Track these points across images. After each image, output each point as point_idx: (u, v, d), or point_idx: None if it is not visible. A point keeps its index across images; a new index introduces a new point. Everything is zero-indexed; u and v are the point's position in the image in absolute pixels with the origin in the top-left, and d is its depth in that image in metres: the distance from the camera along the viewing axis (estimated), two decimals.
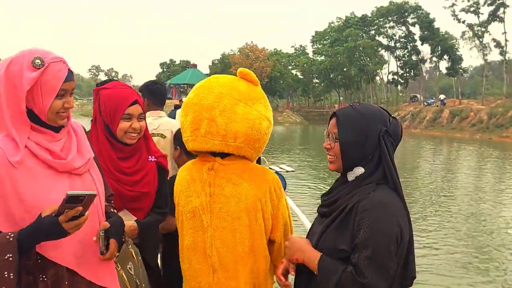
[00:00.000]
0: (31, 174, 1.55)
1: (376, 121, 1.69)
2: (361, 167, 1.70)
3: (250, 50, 78.17)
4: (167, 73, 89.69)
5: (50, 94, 1.55)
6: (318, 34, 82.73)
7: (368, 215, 1.58)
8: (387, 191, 1.67)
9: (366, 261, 1.55)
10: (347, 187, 1.73)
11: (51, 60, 1.55)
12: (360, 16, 75.46)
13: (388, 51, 74.65)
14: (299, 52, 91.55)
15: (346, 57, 70.01)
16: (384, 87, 76.43)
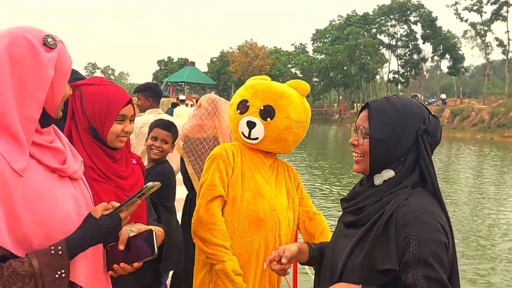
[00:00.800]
0: (39, 181, 1.32)
1: (414, 118, 1.52)
2: (391, 169, 1.52)
3: (250, 48, 78.22)
4: (164, 71, 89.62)
5: (64, 80, 1.35)
6: (319, 32, 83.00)
7: (414, 225, 1.40)
8: (426, 195, 1.49)
9: (426, 281, 1.35)
10: (375, 193, 1.53)
11: (58, 38, 1.36)
12: (361, 15, 75.73)
13: (389, 50, 74.91)
14: (299, 51, 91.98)
15: (347, 56, 70.08)
16: (384, 86, 76.39)
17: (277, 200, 2.45)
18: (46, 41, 1.30)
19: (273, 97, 2.46)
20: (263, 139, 2.46)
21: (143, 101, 4.57)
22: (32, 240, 1.26)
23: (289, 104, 2.45)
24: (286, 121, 2.45)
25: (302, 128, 2.52)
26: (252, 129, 2.46)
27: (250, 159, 2.51)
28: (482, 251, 8.63)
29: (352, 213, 1.59)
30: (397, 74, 74.52)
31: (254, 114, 2.47)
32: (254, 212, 2.38)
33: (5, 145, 1.25)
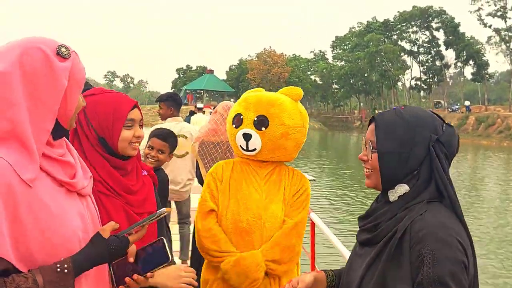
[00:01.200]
0: (47, 194, 1.29)
1: (425, 128, 1.44)
2: (405, 184, 1.45)
3: (268, 55, 77.95)
4: (183, 79, 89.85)
5: (78, 91, 1.33)
6: (339, 39, 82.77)
7: (429, 242, 1.31)
8: (443, 209, 1.41)
9: None
10: (390, 209, 1.46)
11: (71, 49, 1.35)
12: (382, 21, 75.33)
13: (410, 56, 74.18)
14: (318, 58, 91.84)
15: (367, 63, 69.55)
16: (406, 93, 75.52)
17: (266, 209, 2.45)
18: (59, 51, 1.29)
19: (265, 106, 2.49)
20: (261, 149, 2.49)
21: (165, 110, 5.00)
22: (35, 254, 1.24)
23: (282, 111, 2.48)
24: (281, 128, 2.47)
25: (300, 133, 2.53)
26: (248, 141, 2.49)
27: (241, 171, 2.56)
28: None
29: (367, 231, 1.52)
30: (419, 81, 73.79)
31: (248, 126, 2.50)
32: (239, 223, 2.43)
33: (16, 155, 1.22)
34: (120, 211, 1.88)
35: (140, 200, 2.00)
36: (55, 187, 1.31)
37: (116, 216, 1.80)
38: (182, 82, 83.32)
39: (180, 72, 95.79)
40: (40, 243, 1.23)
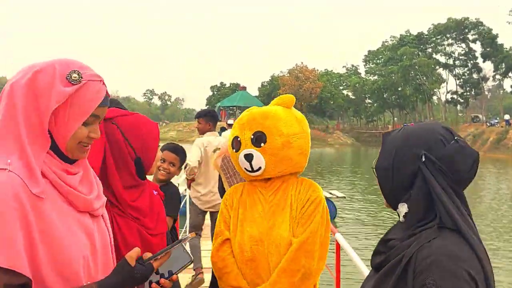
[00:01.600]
0: (56, 212, 1.28)
1: (416, 145, 1.37)
2: (404, 203, 1.40)
3: (300, 71, 77.79)
4: (217, 95, 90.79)
5: (79, 118, 1.31)
6: (371, 53, 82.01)
7: (434, 272, 1.23)
8: (455, 237, 1.30)
9: None
10: (402, 231, 1.41)
11: (90, 77, 1.33)
12: (415, 34, 74.21)
13: (446, 69, 72.73)
14: (350, 72, 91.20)
15: (401, 76, 68.47)
16: (442, 107, 73.92)
17: (269, 234, 2.32)
18: (69, 75, 1.29)
19: (259, 121, 2.40)
20: (266, 166, 2.37)
21: (203, 124, 5.37)
22: (42, 271, 1.23)
23: (277, 121, 2.38)
24: (280, 138, 2.36)
25: (302, 139, 2.42)
26: (251, 161, 2.37)
27: (248, 195, 2.46)
28: None
29: (379, 254, 1.45)
30: (455, 95, 72.18)
31: (247, 146, 2.39)
32: (244, 252, 2.33)
33: (21, 169, 1.24)
34: (134, 233, 1.91)
35: (153, 222, 2.03)
36: (64, 205, 1.30)
37: (130, 237, 1.86)
38: (216, 99, 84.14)
39: (214, 89, 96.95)
40: (47, 260, 1.23)
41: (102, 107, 1.34)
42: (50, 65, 1.30)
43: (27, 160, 1.24)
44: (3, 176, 1.20)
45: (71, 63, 1.32)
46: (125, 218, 1.89)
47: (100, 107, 1.33)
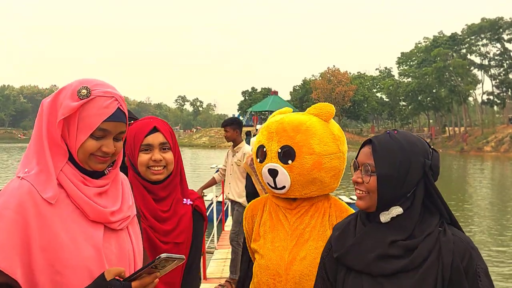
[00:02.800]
0: (66, 219, 1.35)
1: (419, 154, 1.53)
2: (398, 206, 1.51)
3: (332, 74, 77.78)
4: (248, 101, 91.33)
5: (85, 131, 1.37)
6: (404, 55, 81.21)
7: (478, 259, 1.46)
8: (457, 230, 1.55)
9: None
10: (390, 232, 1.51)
11: (99, 93, 1.38)
12: (449, 35, 73.16)
13: (481, 70, 71.48)
14: (384, 75, 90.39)
15: (435, 78, 67.67)
16: (478, 108, 72.61)
17: (289, 268, 2.04)
18: (79, 91, 1.36)
19: (289, 134, 2.07)
20: (290, 186, 2.07)
21: (231, 132, 5.57)
22: (37, 277, 1.28)
23: (310, 138, 2.06)
24: (311, 158, 2.04)
25: (337, 159, 2.10)
26: (275, 178, 2.07)
27: (270, 215, 2.20)
28: None
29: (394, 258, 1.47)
30: (491, 95, 70.88)
31: (273, 160, 2.09)
32: (261, 283, 2.10)
33: (38, 176, 1.34)
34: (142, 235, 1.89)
35: (167, 229, 1.97)
36: (75, 215, 1.37)
37: None
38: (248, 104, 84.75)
39: (246, 94, 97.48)
40: (43, 266, 1.29)
41: (111, 121, 1.38)
42: (72, 83, 1.41)
43: (45, 168, 1.35)
44: (15, 184, 1.34)
45: (89, 81, 1.41)
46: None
47: (108, 122, 1.38)
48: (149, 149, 1.96)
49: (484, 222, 13.57)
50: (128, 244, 1.48)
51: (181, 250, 1.98)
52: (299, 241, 2.08)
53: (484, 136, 59.95)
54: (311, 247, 2.05)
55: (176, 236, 1.98)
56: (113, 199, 1.45)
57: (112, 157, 1.43)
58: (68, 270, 1.30)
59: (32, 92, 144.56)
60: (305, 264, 2.02)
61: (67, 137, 1.37)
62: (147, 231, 1.91)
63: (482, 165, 39.68)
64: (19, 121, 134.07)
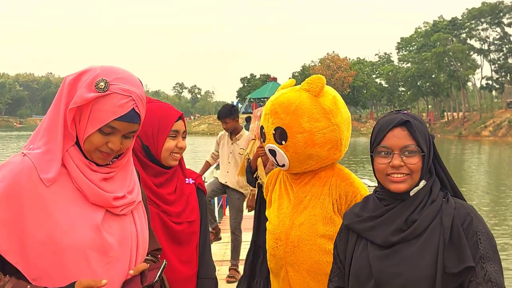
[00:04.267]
0: (66, 200, 1.34)
1: (427, 130, 1.65)
2: (424, 180, 1.60)
3: (331, 60, 77.71)
4: (247, 87, 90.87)
5: (95, 125, 1.34)
6: (404, 40, 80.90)
7: (479, 222, 1.51)
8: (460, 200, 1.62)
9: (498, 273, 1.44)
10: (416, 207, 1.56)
11: (117, 89, 1.34)
12: (449, 20, 72.87)
13: (481, 55, 71.39)
14: (383, 60, 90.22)
15: (435, 63, 67.48)
16: (477, 93, 72.50)
17: (289, 233, 2.17)
18: (97, 82, 1.33)
19: (280, 116, 2.15)
20: (289, 163, 2.17)
21: (231, 123, 5.38)
22: (29, 253, 1.28)
23: (299, 117, 2.11)
24: (302, 136, 2.10)
25: (331, 132, 2.13)
26: (275, 157, 2.20)
27: (279, 185, 2.37)
28: None
29: (396, 231, 1.53)
30: (490, 80, 70.84)
31: (271, 140, 2.20)
32: (269, 246, 2.28)
33: (43, 155, 1.33)
34: (155, 219, 1.89)
35: (178, 210, 2.01)
36: (76, 196, 1.36)
37: (152, 223, 1.74)
38: (247, 91, 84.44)
39: (245, 81, 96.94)
40: (36, 243, 1.29)
41: (122, 121, 1.35)
42: (95, 69, 1.37)
43: (53, 148, 1.34)
44: (17, 159, 1.34)
45: (112, 72, 1.37)
46: None
47: (119, 121, 1.35)
48: (176, 136, 1.99)
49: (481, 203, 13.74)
50: (132, 229, 1.47)
51: (194, 227, 2.05)
52: (298, 208, 2.18)
53: (482, 121, 60.02)
54: (309, 214, 2.14)
55: (188, 215, 2.03)
56: (119, 185, 1.45)
57: (116, 153, 1.41)
58: (62, 250, 1.29)
59: (27, 80, 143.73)
60: (303, 230, 2.13)
61: (77, 124, 1.36)
62: (161, 216, 1.95)
63: (480, 150, 39.82)
64: (16, 109, 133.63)
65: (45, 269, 1.29)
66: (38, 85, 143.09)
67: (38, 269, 1.29)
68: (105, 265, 1.36)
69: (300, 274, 2.15)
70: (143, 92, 1.41)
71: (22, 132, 61.24)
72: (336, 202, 2.14)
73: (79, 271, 1.31)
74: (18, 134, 55.27)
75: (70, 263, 1.30)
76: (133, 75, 1.42)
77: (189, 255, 2.04)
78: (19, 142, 38.35)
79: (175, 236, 2.00)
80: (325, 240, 2.10)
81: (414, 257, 1.48)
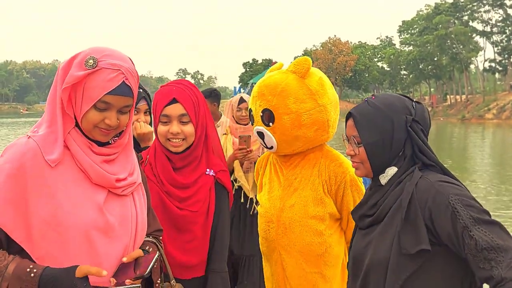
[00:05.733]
0: (69, 180, 1.38)
1: (399, 112, 1.55)
2: (393, 166, 1.56)
3: (333, 44, 77.49)
4: (249, 72, 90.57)
5: (88, 102, 1.37)
6: (406, 23, 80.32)
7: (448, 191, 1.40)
8: (437, 172, 1.52)
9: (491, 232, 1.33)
10: (384, 189, 1.57)
11: (106, 65, 1.36)
12: (451, 2, 72.08)
13: (483, 37, 70.74)
14: (385, 44, 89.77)
15: (437, 46, 67.09)
16: (480, 75, 72.22)
17: (280, 215, 2.21)
18: (87, 61, 1.36)
19: (267, 98, 2.17)
20: (278, 145, 2.20)
21: (210, 106, 4.81)
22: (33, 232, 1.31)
23: (285, 98, 2.13)
24: (289, 118, 2.13)
25: (318, 113, 2.14)
26: (263, 139, 2.22)
27: (269, 168, 2.40)
28: None
29: (367, 216, 1.59)
30: (493, 62, 70.21)
31: (258, 123, 2.23)
32: (260, 228, 2.33)
33: (46, 137, 1.36)
34: (154, 197, 1.86)
35: (183, 196, 1.97)
36: (78, 177, 1.39)
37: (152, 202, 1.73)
38: (249, 76, 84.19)
39: (247, 66, 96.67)
40: (39, 223, 1.32)
41: (114, 95, 1.36)
42: (85, 50, 1.41)
43: (54, 130, 1.37)
44: (22, 141, 1.38)
45: (99, 51, 1.39)
46: (149, 181, 1.87)
47: (111, 95, 1.36)
48: (168, 121, 1.93)
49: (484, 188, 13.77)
50: (132, 210, 1.50)
51: (198, 218, 1.99)
52: (289, 191, 2.22)
53: (485, 103, 59.81)
54: (300, 196, 2.19)
55: (191, 204, 1.98)
56: (121, 167, 1.48)
57: (116, 130, 1.43)
58: (66, 229, 1.32)
59: (34, 67, 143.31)
60: (294, 211, 2.17)
61: (73, 105, 1.39)
62: (161, 196, 1.94)
63: (483, 133, 39.81)
64: (23, 96, 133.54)
65: (49, 248, 1.32)
66: (45, 72, 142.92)
67: (41, 249, 1.31)
68: (105, 244, 1.39)
69: (292, 256, 2.18)
70: (133, 67, 1.42)
71: (30, 118, 61.18)
72: (326, 183, 2.17)
73: (81, 251, 1.34)
74: (25, 120, 55.37)
75: (72, 243, 1.33)
76: (121, 52, 1.44)
77: (184, 244, 2.00)
78: (26, 128, 38.38)
79: (172, 219, 1.98)
80: (316, 221, 2.14)
81: (376, 239, 1.51)
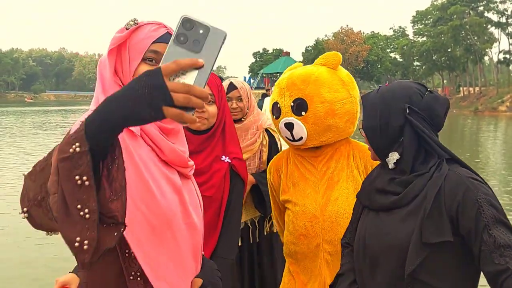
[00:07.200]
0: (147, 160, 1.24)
1: (398, 100, 1.58)
2: (395, 151, 1.59)
3: (345, 34, 76.65)
4: (260, 62, 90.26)
5: (137, 56, 1.33)
6: (420, 13, 79.32)
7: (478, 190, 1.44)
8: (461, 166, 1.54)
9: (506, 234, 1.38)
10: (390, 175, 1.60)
11: (146, 22, 1.37)
12: None
13: (498, 28, 69.52)
14: (398, 34, 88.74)
15: (451, 37, 66.18)
16: (494, 67, 71.14)
17: (324, 210, 2.18)
18: (127, 23, 1.36)
19: (299, 87, 2.18)
20: (308, 136, 2.19)
21: None
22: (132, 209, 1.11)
23: (319, 87, 2.17)
24: (323, 106, 2.16)
25: (349, 104, 2.21)
26: (292, 131, 2.20)
27: (295, 165, 2.31)
28: None
29: (386, 194, 1.59)
30: (508, 54, 69.11)
31: (288, 114, 2.21)
32: (297, 227, 2.22)
33: None
34: None
35: (199, 181, 1.88)
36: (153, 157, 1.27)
37: None
38: (259, 66, 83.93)
39: (257, 56, 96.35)
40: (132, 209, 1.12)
41: (161, 43, 1.32)
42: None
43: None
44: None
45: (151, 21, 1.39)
46: None
47: (158, 43, 1.32)
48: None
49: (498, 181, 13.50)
50: (195, 191, 1.43)
51: (212, 204, 2.01)
52: (330, 184, 2.21)
53: (499, 96, 58.99)
54: (342, 188, 2.19)
55: (205, 190, 1.97)
56: (182, 142, 1.38)
57: None
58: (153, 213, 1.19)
59: (41, 55, 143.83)
60: (339, 204, 2.17)
61: (121, 70, 1.34)
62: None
63: (496, 126, 39.29)
64: (30, 84, 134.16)
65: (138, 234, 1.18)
66: (52, 61, 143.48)
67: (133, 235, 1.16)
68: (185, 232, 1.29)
69: (339, 249, 2.10)
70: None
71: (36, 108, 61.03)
72: (363, 173, 2.21)
73: (165, 238, 1.23)
74: (31, 109, 55.27)
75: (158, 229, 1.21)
76: None
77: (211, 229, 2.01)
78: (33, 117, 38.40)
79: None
80: None
81: (394, 224, 1.52)
